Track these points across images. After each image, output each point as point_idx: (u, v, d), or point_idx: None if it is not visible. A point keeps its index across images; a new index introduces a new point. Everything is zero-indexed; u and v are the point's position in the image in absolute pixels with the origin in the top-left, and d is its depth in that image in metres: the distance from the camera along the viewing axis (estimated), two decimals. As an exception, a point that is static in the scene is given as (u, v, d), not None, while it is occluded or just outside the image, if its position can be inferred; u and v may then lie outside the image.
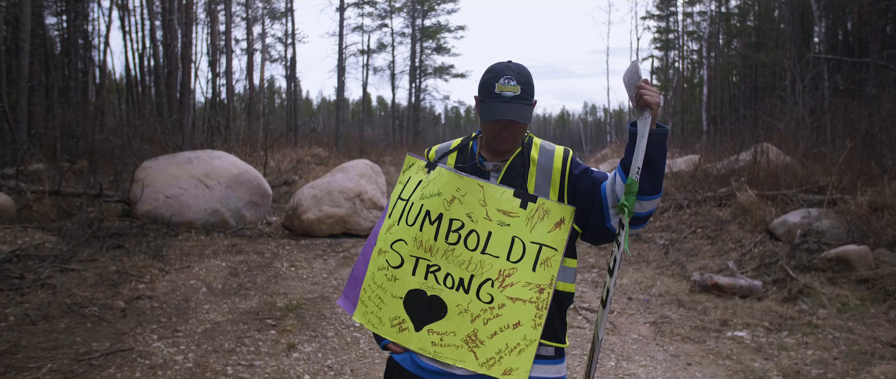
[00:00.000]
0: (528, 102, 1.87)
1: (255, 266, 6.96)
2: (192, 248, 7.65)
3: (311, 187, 9.45)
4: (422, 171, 2.03)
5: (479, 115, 1.94)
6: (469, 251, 1.83)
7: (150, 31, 19.07)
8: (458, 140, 2.08)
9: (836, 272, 6.03)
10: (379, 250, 1.97)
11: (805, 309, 5.48)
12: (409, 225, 1.91)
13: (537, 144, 1.98)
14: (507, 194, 1.85)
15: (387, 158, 23.37)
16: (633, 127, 1.76)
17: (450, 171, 1.91)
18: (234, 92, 27.54)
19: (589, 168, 1.93)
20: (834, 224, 6.87)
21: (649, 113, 1.70)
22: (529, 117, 1.87)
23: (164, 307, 5.32)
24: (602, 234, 1.86)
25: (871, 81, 12.24)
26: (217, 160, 9.48)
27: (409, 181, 2.04)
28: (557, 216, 1.85)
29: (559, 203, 1.86)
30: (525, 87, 1.87)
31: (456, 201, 1.86)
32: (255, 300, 5.61)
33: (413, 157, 2.11)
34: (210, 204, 8.86)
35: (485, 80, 1.91)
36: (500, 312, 1.81)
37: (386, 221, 2.03)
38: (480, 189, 1.86)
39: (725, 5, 32.23)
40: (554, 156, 1.94)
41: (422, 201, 1.91)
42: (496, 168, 1.94)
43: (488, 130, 1.90)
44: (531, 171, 1.91)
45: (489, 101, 1.86)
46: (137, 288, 5.84)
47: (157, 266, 6.67)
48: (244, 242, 8.24)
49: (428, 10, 34.08)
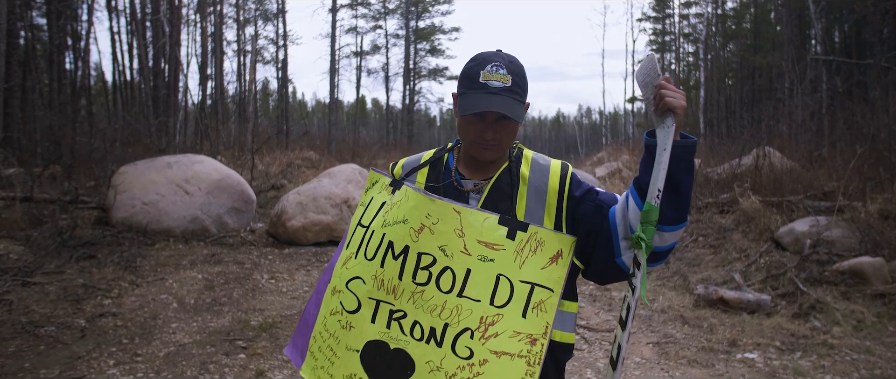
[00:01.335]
0: (521, 98, 1.50)
1: (232, 278, 6.56)
2: (168, 258, 7.25)
3: (297, 193, 9.06)
4: (386, 190, 1.64)
5: (456, 115, 1.55)
6: (442, 294, 1.45)
7: (138, 31, 18.62)
8: (431, 152, 1.69)
9: (850, 286, 5.67)
10: (333, 289, 1.59)
11: (818, 326, 5.11)
12: (369, 259, 1.52)
13: (528, 158, 1.59)
14: (491, 222, 1.47)
15: (380, 161, 22.98)
16: (650, 138, 1.38)
17: (418, 192, 1.52)
18: (228, 94, 27.14)
19: (593, 188, 1.54)
20: (844, 233, 6.51)
21: (672, 119, 1.33)
22: (522, 116, 1.48)
23: (128, 326, 4.92)
24: (609, 271, 1.48)
25: (873, 84, 11.92)
26: (198, 165, 9.07)
27: (371, 203, 1.66)
28: (554, 248, 1.48)
29: (556, 232, 1.48)
30: (517, 79, 1.50)
31: (426, 230, 1.47)
32: (227, 318, 5.21)
33: (377, 173, 1.72)
34: (190, 211, 8.45)
35: (467, 68, 1.53)
36: (481, 369, 1.43)
37: (343, 252, 1.65)
38: (457, 215, 1.47)
39: (722, 7, 32.01)
40: (549, 173, 1.55)
41: (384, 230, 1.53)
42: (477, 188, 1.56)
43: (469, 133, 1.52)
44: (521, 192, 1.53)
45: (471, 93, 1.48)
46: (102, 304, 5.43)
47: (128, 279, 6.27)
48: (224, 252, 7.84)
49: (422, 12, 33.73)
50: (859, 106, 10.50)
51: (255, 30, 30.87)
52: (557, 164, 1.58)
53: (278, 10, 28.60)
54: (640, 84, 1.43)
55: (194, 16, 23.80)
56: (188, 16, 23.64)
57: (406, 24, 32.70)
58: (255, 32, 30.85)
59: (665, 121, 1.33)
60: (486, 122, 1.49)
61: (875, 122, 8.59)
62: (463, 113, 1.49)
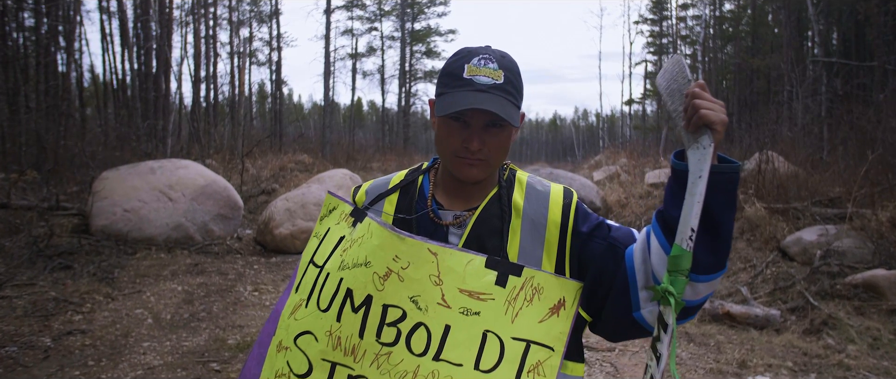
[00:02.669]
0: (515, 100, 1.18)
1: (214, 290, 6.24)
2: (148, 268, 6.93)
3: (285, 199, 8.75)
4: (345, 221, 1.33)
5: (434, 121, 1.24)
6: (414, 357, 1.14)
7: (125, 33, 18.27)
8: (402, 174, 1.37)
9: (864, 300, 5.38)
10: (278, 344, 1.28)
11: (832, 345, 4.82)
12: (322, 310, 1.21)
13: (523, 183, 1.28)
14: (476, 265, 1.16)
15: (375, 165, 22.65)
16: (679, 160, 1.07)
17: (384, 227, 1.20)
18: (224, 96, 26.81)
19: (604, 222, 1.23)
20: (855, 243, 6.22)
21: (709, 138, 1.01)
22: (516, 119, 1.16)
23: (97, 345, 4.60)
24: (625, 327, 1.17)
25: (877, 86, 11.66)
26: (182, 170, 8.75)
27: (327, 236, 1.34)
28: (555, 297, 1.17)
29: (557, 276, 1.18)
30: (510, 76, 1.19)
31: (394, 277, 1.17)
32: (204, 335, 4.90)
33: (335, 198, 1.41)
34: (173, 218, 8.13)
35: (449, 63, 1.22)
36: (464, 451, 1.12)
37: (291, 296, 1.34)
38: (432, 257, 1.16)
39: (719, 9, 31.79)
40: (549, 202, 1.24)
41: (341, 274, 1.22)
42: (458, 221, 1.25)
43: (448, 144, 1.20)
44: (514, 226, 1.22)
45: (453, 92, 1.17)
46: (72, 320, 5.11)
47: (103, 291, 5.95)
48: (208, 261, 7.52)
49: (418, 14, 33.44)
50: (864, 109, 10.23)
51: (249, 32, 30.58)
52: (559, 191, 1.26)
53: (272, 12, 28.28)
54: (664, 92, 1.12)
55: (187, 17, 23.48)
56: (182, 18, 23.34)
57: (402, 25, 32.41)
58: (250, 34, 30.56)
59: (700, 140, 1.02)
60: (471, 128, 1.17)
61: (883, 126, 8.30)
62: (441, 113, 1.16)
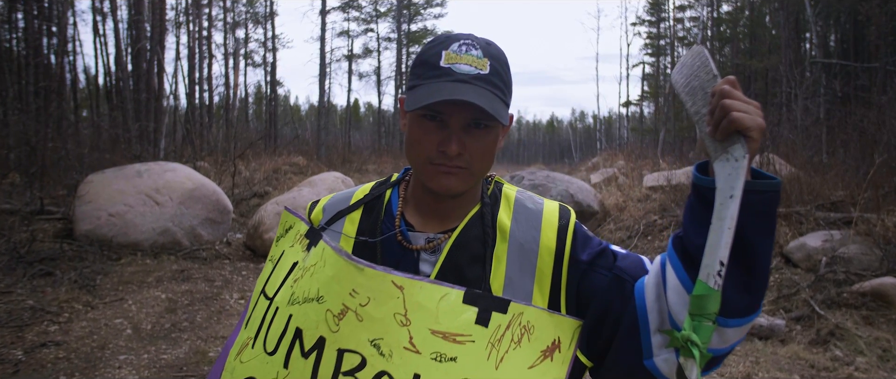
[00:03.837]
0: (502, 94, 0.95)
1: (199, 298, 6.03)
2: (132, 275, 6.71)
3: (276, 203, 8.54)
4: (299, 243, 1.12)
5: (403, 119, 1.02)
6: (376, 412, 0.94)
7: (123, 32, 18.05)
8: (367, 187, 1.15)
9: (872, 309, 5.19)
10: (221, 392, 1.07)
11: (840, 356, 4.62)
12: (269, 354, 1.00)
13: (510, 199, 1.06)
14: (452, 300, 0.94)
15: (370, 167, 22.44)
16: (701, 176, 0.85)
17: (339, 254, 0.98)
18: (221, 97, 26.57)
19: (608, 248, 1.01)
20: (862, 249, 6.03)
21: (743, 148, 0.79)
22: (504, 117, 0.94)
23: (71, 358, 4.38)
24: (633, 376, 0.94)
25: (879, 88, 11.49)
26: (170, 173, 8.53)
27: (281, 260, 1.13)
28: (548, 338, 0.96)
29: (551, 313, 0.96)
30: (498, 66, 0.96)
31: (350, 316, 0.95)
32: (185, 347, 4.68)
33: (291, 215, 1.19)
34: (160, 222, 7.90)
35: (424, 50, 0.99)
36: None
37: (241, 331, 1.13)
38: (398, 291, 0.94)
39: (717, 10, 31.67)
40: (542, 222, 1.02)
41: (290, 310, 1.00)
42: (432, 245, 1.02)
43: (421, 147, 0.97)
44: (499, 252, 1.00)
45: (427, 83, 0.94)
46: (48, 331, 4.90)
47: (83, 299, 5.74)
48: (195, 267, 7.30)
49: (414, 15, 33.26)
50: (865, 111, 10.06)
51: (245, 33, 30.37)
52: (554, 210, 1.04)
53: (267, 14, 28.09)
54: (683, 90, 0.91)
55: (182, 18, 23.26)
56: (177, 18, 23.11)
57: (398, 27, 32.22)
58: (245, 35, 30.36)
59: (731, 150, 0.80)
60: (449, 128, 0.95)
61: (887, 128, 8.13)
62: (412, 108, 0.94)
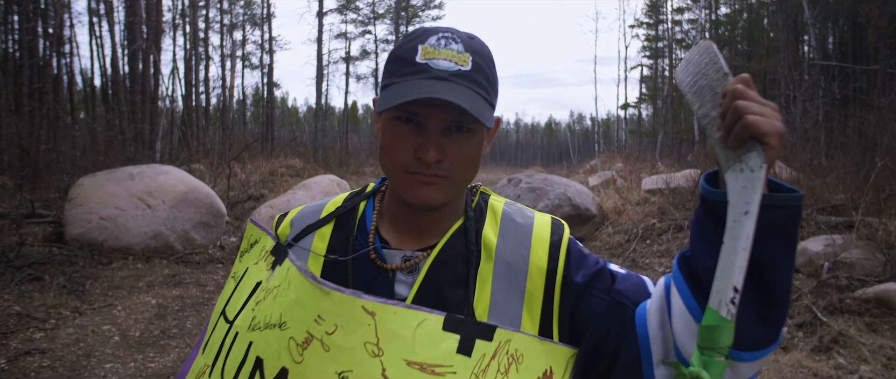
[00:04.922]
0: (486, 93, 0.84)
1: (189, 304, 5.92)
2: (123, 280, 6.60)
3: (270, 207, 8.45)
4: (264, 260, 1.01)
5: (377, 130, 0.90)
6: (345, 454, 0.83)
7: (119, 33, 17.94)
8: (340, 198, 1.03)
9: (875, 316, 5.09)
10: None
11: (843, 364, 4.52)
12: (226, 385, 0.90)
13: (498, 213, 0.94)
14: (431, 326, 0.83)
15: (368, 169, 22.33)
16: (711, 189, 0.74)
17: (304, 276, 0.87)
18: (218, 99, 26.48)
19: (606, 266, 0.90)
20: (864, 254, 5.94)
21: (759, 156, 0.69)
22: (489, 119, 0.83)
23: (55, 366, 4.27)
24: None
25: (879, 90, 11.42)
26: (163, 176, 8.42)
27: (244, 278, 1.02)
28: (539, 367, 0.85)
29: (542, 340, 0.86)
30: (481, 62, 0.85)
31: (316, 345, 0.84)
32: (173, 355, 4.57)
33: (258, 229, 1.08)
34: (152, 226, 7.79)
35: (399, 45, 0.88)
36: None
37: (198, 357, 1.02)
38: (369, 319, 0.83)
39: (715, 13, 31.64)
40: (532, 238, 0.91)
41: (250, 336, 0.90)
42: (409, 264, 0.91)
43: (396, 154, 0.86)
44: (484, 272, 0.88)
45: (401, 81, 0.83)
46: (33, 338, 4.78)
47: (72, 305, 5.62)
48: (187, 272, 7.19)
49: (412, 17, 33.20)
50: (865, 114, 9.99)
51: (242, 35, 30.29)
52: (545, 225, 0.93)
53: (265, 15, 28.00)
54: (689, 90, 0.80)
55: (179, 20, 23.16)
56: (174, 20, 23.02)
57: (396, 29, 32.16)
58: (242, 37, 30.28)
59: (745, 159, 0.69)
60: (426, 132, 0.84)
61: (889, 130, 8.06)
62: (384, 108, 0.83)
